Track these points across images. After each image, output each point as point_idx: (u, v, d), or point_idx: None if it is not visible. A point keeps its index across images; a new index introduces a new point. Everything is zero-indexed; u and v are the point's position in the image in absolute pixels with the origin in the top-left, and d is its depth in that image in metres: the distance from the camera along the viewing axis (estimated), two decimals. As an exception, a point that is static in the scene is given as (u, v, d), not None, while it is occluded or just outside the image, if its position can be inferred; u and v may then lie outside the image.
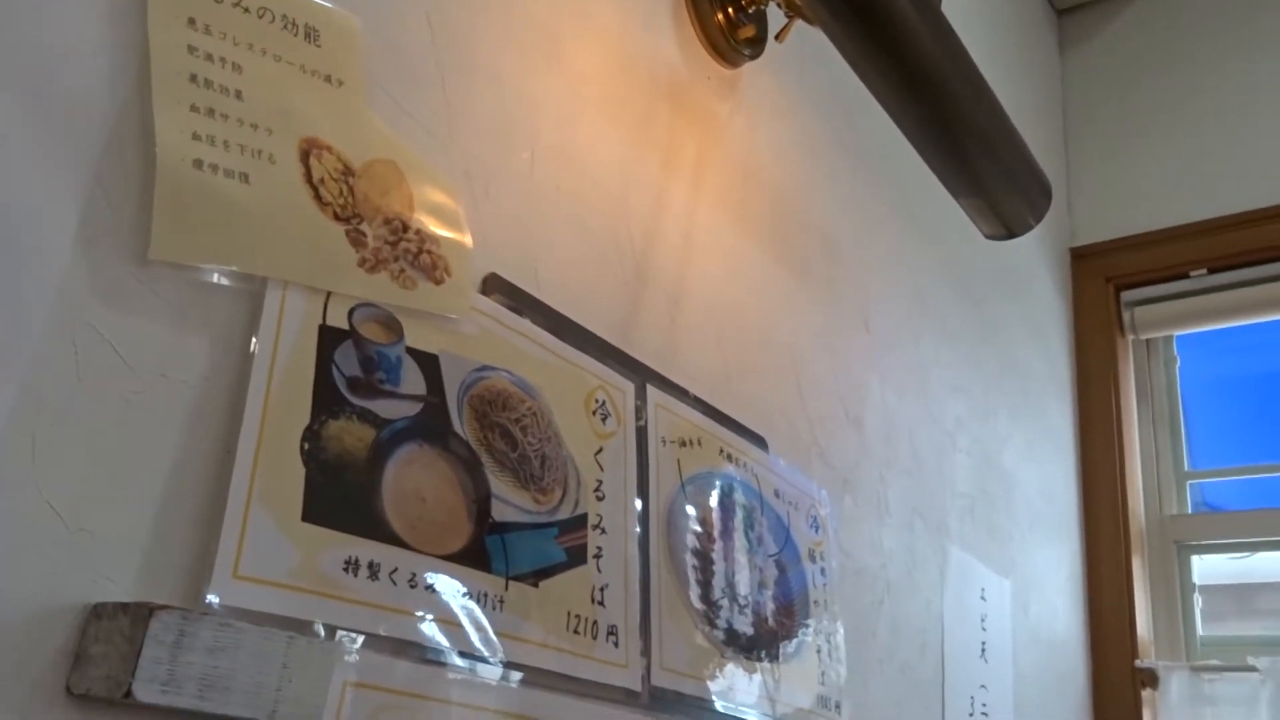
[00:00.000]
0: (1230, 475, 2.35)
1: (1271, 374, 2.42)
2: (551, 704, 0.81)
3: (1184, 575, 2.20)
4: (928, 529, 1.58)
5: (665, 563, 1.00)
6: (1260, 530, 2.20)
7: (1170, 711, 1.99)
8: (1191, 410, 2.37)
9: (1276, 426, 2.32)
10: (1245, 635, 2.21)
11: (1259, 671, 1.94)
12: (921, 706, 1.47)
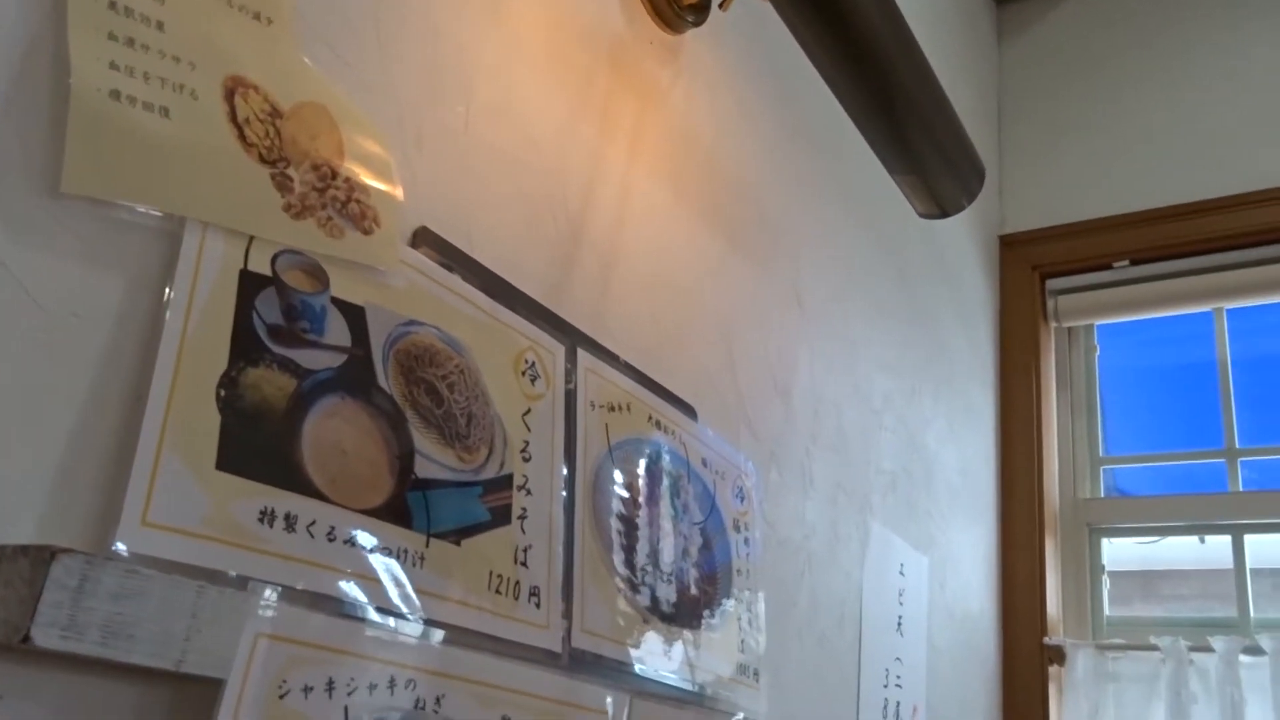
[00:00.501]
0: (1142, 462, 2.43)
1: (1186, 365, 2.49)
2: (471, 663, 0.80)
3: (1094, 557, 2.27)
4: (850, 504, 1.60)
5: (590, 527, 1.00)
6: (1168, 515, 2.27)
7: (1075, 687, 2.05)
8: (1108, 398, 2.44)
9: (1188, 416, 2.39)
10: (1148, 616, 2.29)
11: (1160, 651, 2.00)
12: (838, 676, 1.49)
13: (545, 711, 0.86)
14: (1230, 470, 2.22)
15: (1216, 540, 2.22)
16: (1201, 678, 1.97)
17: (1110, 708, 2.04)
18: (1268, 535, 2.22)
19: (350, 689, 0.70)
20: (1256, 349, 2.37)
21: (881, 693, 1.61)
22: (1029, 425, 2.28)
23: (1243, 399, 2.26)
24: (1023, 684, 2.10)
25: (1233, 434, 2.24)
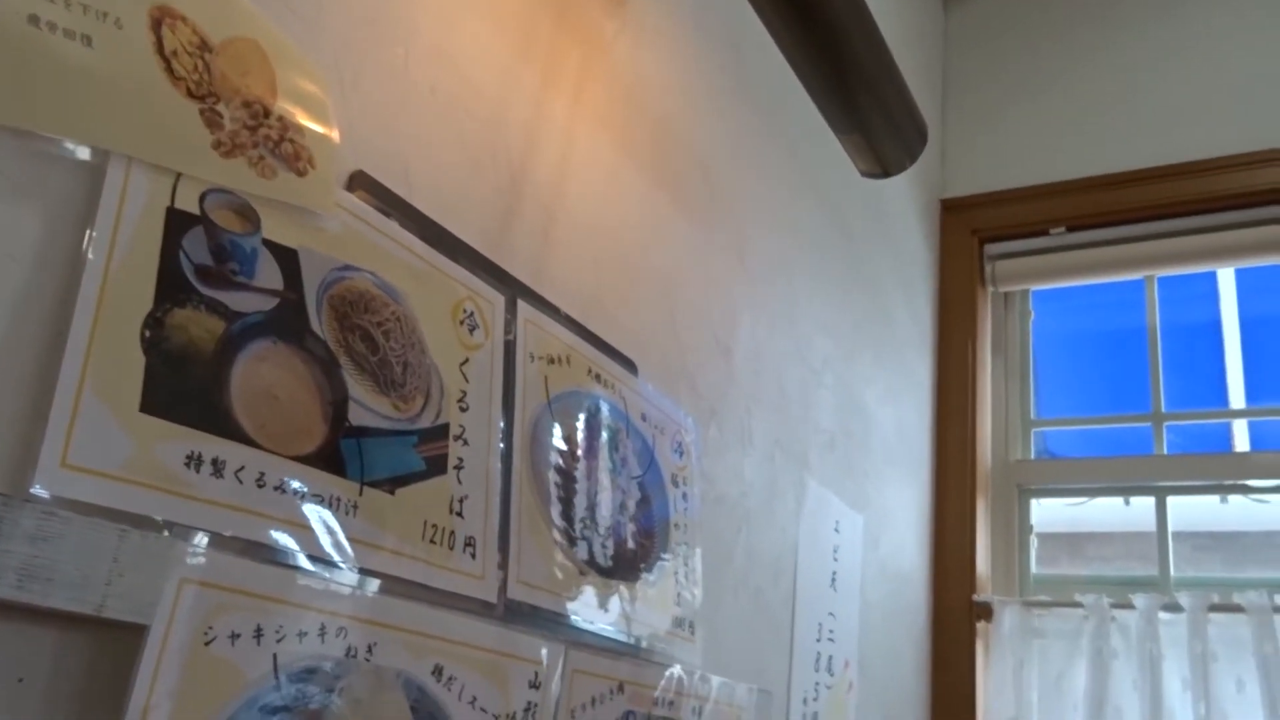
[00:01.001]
0: (1071, 425, 2.48)
1: (1117, 332, 2.55)
2: (404, 612, 0.80)
3: (1023, 517, 2.32)
4: (788, 461, 1.61)
5: (527, 478, 0.99)
6: (1094, 477, 2.33)
7: (1002, 642, 2.10)
8: (1041, 362, 2.48)
9: (1117, 381, 2.45)
10: (1073, 575, 2.35)
11: (1083, 608, 2.06)
12: (772, 630, 1.51)
13: (479, 661, 0.86)
14: (1156, 434, 2.28)
15: (1140, 503, 2.29)
16: (1122, 634, 2.03)
17: (1035, 663, 2.10)
18: (1189, 497, 2.29)
19: (279, 636, 0.70)
20: (1185, 317, 2.43)
21: (814, 646, 1.64)
22: (964, 388, 2.32)
23: (1170, 365, 2.32)
24: (951, 639, 2.15)
25: (1159, 399, 2.30)
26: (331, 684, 0.73)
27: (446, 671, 0.82)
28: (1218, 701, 1.91)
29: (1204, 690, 1.91)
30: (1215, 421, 2.40)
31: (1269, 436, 2.30)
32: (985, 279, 2.45)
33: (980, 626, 2.17)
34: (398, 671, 0.78)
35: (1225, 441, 2.41)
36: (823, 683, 1.65)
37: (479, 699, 0.86)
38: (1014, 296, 2.50)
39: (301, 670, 0.71)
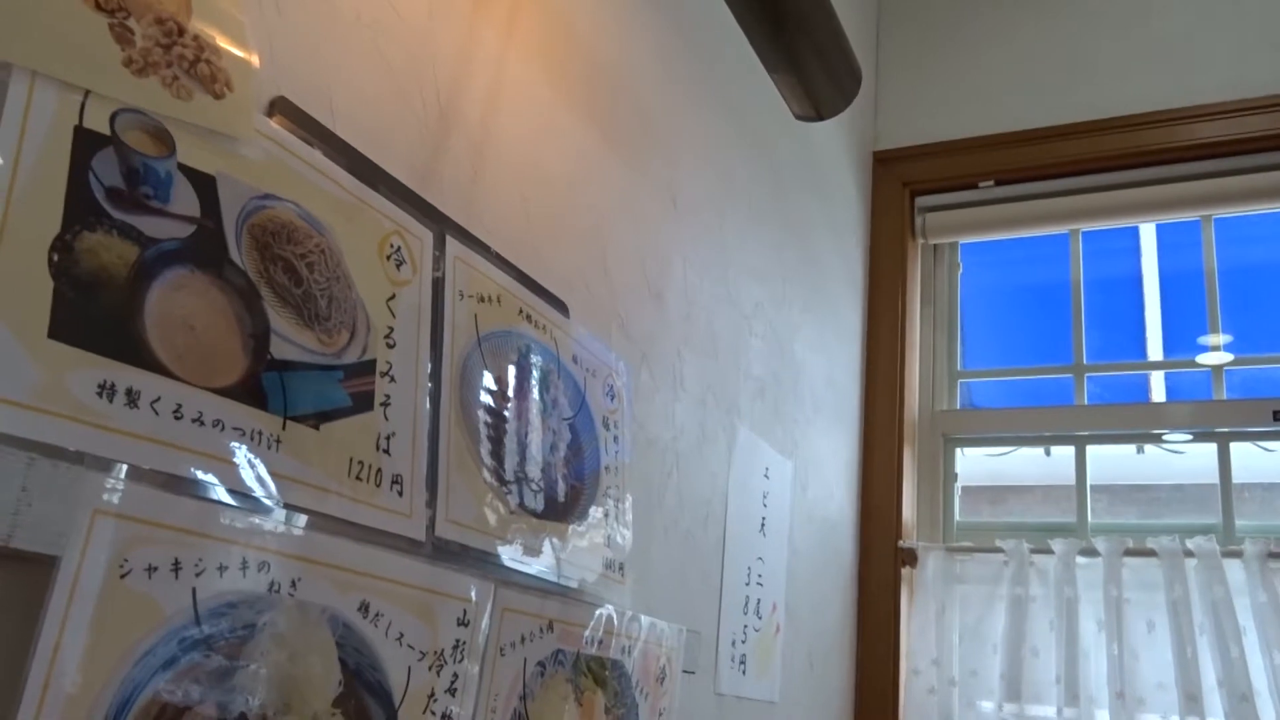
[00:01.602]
0: (996, 376, 2.53)
1: (1042, 286, 2.60)
2: (329, 547, 0.79)
3: (948, 466, 2.37)
4: (719, 407, 1.62)
5: (457, 417, 0.98)
6: (1017, 426, 2.38)
7: (926, 586, 2.15)
8: (968, 314, 2.52)
9: (1041, 334, 2.50)
10: (994, 521, 2.41)
11: (1004, 553, 2.12)
12: (701, 573, 1.52)
13: (407, 598, 0.85)
14: (1077, 385, 2.34)
15: (1060, 455, 2.35)
16: (1041, 578, 2.09)
17: (956, 606, 2.16)
18: (1107, 451, 2.36)
19: (198, 570, 0.68)
20: (1107, 271, 2.48)
21: (743, 590, 1.66)
22: (893, 338, 2.35)
23: (1091, 319, 2.38)
24: (877, 584, 2.20)
25: (1081, 351, 2.35)
26: (254, 619, 0.71)
27: (373, 608, 0.82)
28: (1129, 641, 1.98)
29: (1117, 631, 1.97)
30: (1134, 373, 2.46)
31: (1184, 388, 2.38)
32: (915, 231, 2.47)
33: (905, 572, 2.21)
34: (322, 607, 0.77)
35: (1143, 393, 2.48)
36: (751, 625, 1.68)
37: (406, 636, 0.85)
38: (943, 249, 2.53)
39: (222, 605, 0.69)
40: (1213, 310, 2.25)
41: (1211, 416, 2.18)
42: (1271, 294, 2.34)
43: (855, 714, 2.13)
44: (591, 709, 1.09)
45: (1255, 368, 2.24)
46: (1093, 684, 1.97)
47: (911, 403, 2.36)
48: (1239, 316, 2.26)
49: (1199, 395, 2.25)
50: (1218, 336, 2.25)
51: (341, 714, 0.78)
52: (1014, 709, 2.00)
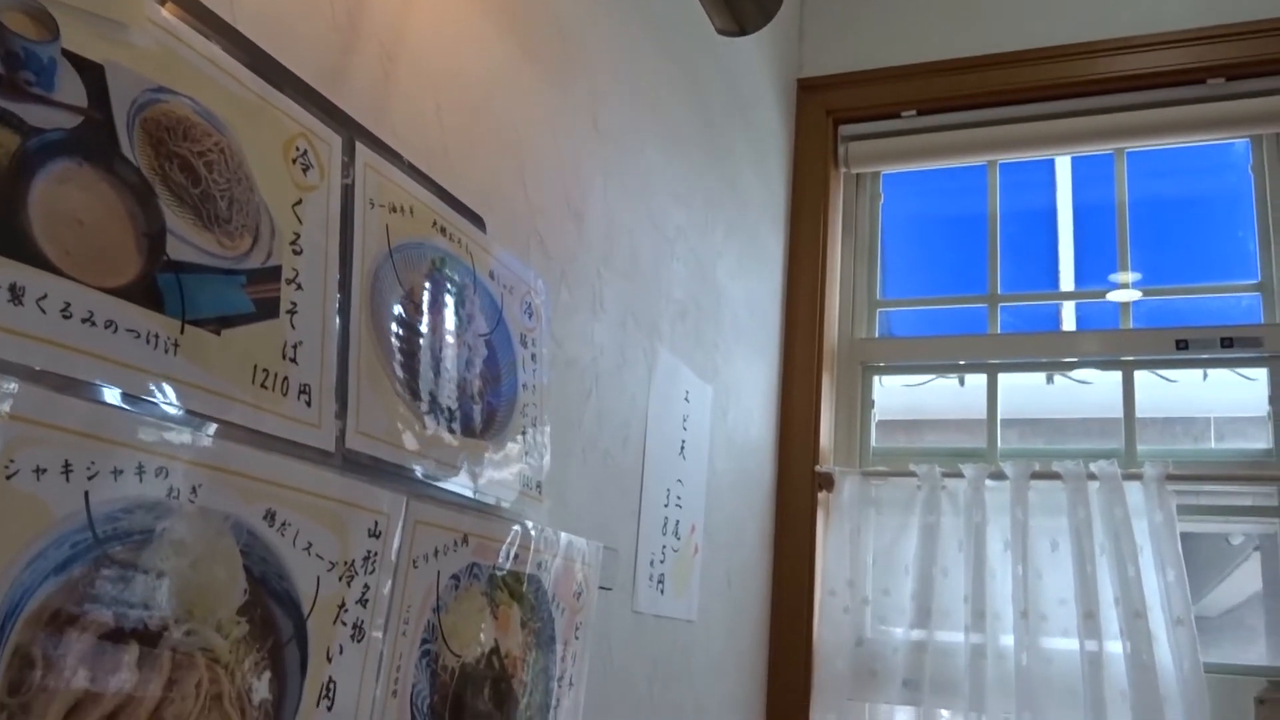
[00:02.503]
0: (914, 305, 2.57)
1: (960, 217, 2.63)
2: (232, 454, 0.76)
3: (865, 393, 2.41)
4: (640, 329, 1.61)
5: (367, 328, 0.96)
6: (933, 354, 2.42)
7: (841, 510, 2.19)
8: (889, 244, 2.55)
9: (957, 264, 2.54)
10: (909, 447, 2.46)
11: (917, 477, 2.17)
12: (620, 494, 1.53)
13: (315, 508, 0.84)
14: (991, 315, 2.38)
15: (974, 387, 2.39)
16: (951, 501, 2.15)
17: (871, 529, 2.21)
18: (1019, 382, 2.42)
19: (91, 473, 0.65)
20: (1023, 203, 2.52)
21: (662, 511, 1.67)
22: (814, 267, 2.36)
23: (1007, 250, 2.42)
24: (794, 507, 2.23)
25: (996, 282, 2.40)
26: (152, 525, 0.69)
27: (279, 517, 0.80)
28: (1033, 560, 2.05)
29: (1022, 551, 2.04)
30: (1046, 304, 2.52)
31: (1094, 319, 2.44)
32: (838, 160, 2.48)
33: (821, 496, 2.26)
34: (225, 515, 0.75)
35: (1054, 323, 2.54)
36: (670, 546, 1.69)
37: (315, 545, 0.84)
38: (865, 178, 2.55)
39: (117, 511, 0.67)
40: (1123, 244, 2.30)
41: (1118, 345, 2.24)
42: (1179, 227, 2.41)
43: (771, 633, 2.18)
44: (507, 622, 1.09)
45: (1161, 299, 2.30)
46: (998, 601, 2.04)
47: (831, 331, 2.38)
48: (1147, 249, 2.32)
49: (1107, 326, 2.31)
50: (1127, 274, 2.30)
51: (247, 622, 0.77)
52: (923, 624, 2.06)
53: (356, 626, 0.88)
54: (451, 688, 1.01)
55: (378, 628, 0.91)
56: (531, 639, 1.14)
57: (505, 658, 1.09)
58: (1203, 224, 2.40)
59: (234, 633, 0.75)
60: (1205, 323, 2.19)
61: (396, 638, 0.93)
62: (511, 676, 1.10)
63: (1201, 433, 3.92)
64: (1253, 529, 5.13)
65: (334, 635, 0.86)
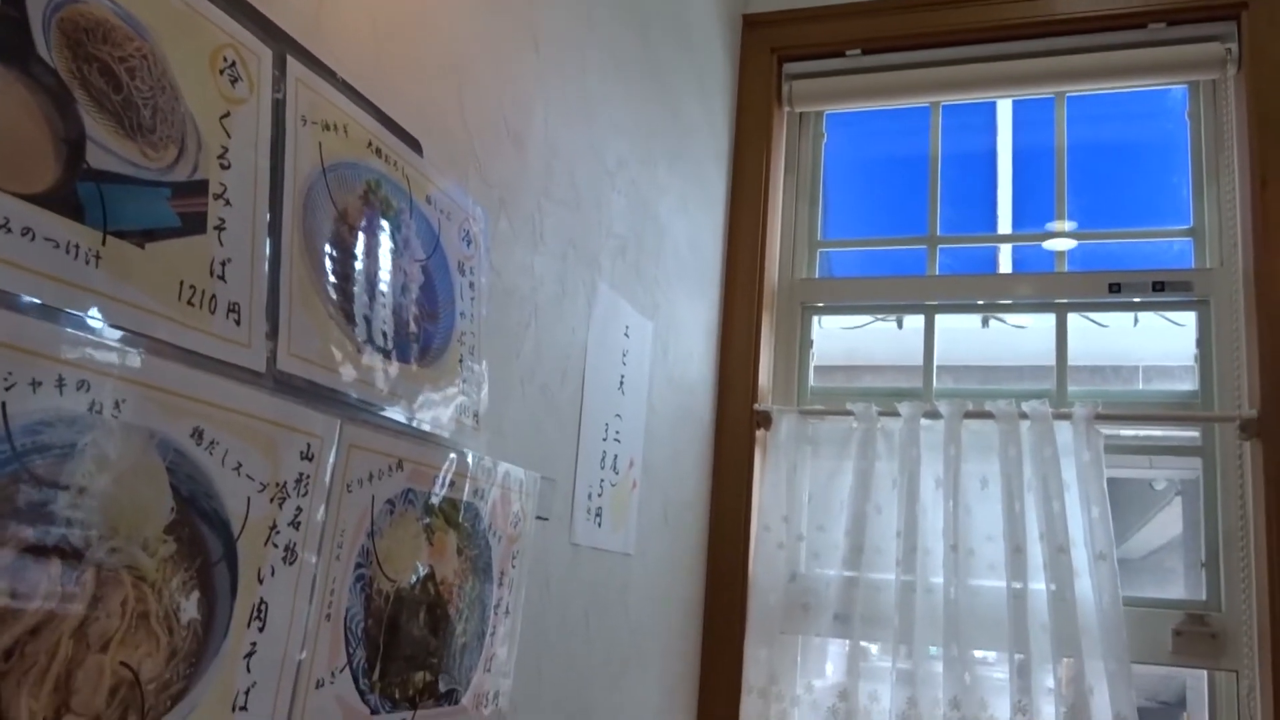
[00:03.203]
0: (854, 246, 2.58)
1: (902, 158, 2.64)
2: (157, 370, 0.74)
3: (804, 333, 2.42)
4: (580, 262, 1.60)
5: (299, 248, 0.94)
6: (872, 295, 2.44)
7: (779, 448, 2.22)
8: (831, 184, 2.55)
9: (898, 206, 2.56)
10: (846, 387, 2.49)
11: (854, 416, 2.19)
12: (558, 426, 1.53)
13: (245, 427, 0.82)
14: (930, 257, 2.41)
15: (912, 331, 2.42)
16: (887, 439, 2.18)
17: (807, 466, 2.24)
18: (956, 327, 2.45)
19: (8, 384, 0.63)
20: (965, 145, 2.54)
21: (600, 445, 1.68)
22: (756, 205, 2.36)
23: (948, 192, 2.43)
24: (732, 444, 2.25)
25: (935, 224, 2.42)
26: (73, 439, 0.68)
27: (208, 435, 0.78)
28: (964, 497, 2.09)
29: (953, 488, 2.08)
30: (983, 246, 2.55)
31: (1030, 262, 2.47)
32: (782, 98, 2.47)
33: (759, 434, 2.28)
34: (151, 431, 0.73)
35: (992, 265, 2.57)
36: (608, 480, 1.70)
37: (245, 466, 0.82)
38: (809, 117, 2.54)
39: (35, 424, 0.65)
40: (1060, 189, 2.33)
41: (1052, 288, 2.28)
42: (1116, 172, 2.44)
43: (707, 568, 2.21)
44: (443, 548, 1.09)
45: (1096, 243, 2.34)
46: (929, 538, 2.09)
47: (772, 270, 2.39)
48: (1084, 193, 2.35)
49: (1043, 270, 2.35)
50: (1063, 223, 2.33)
51: (175, 541, 0.75)
52: (856, 560, 2.10)
53: (289, 549, 0.87)
54: (386, 612, 1.00)
55: (311, 550, 0.90)
56: (468, 566, 1.14)
57: (441, 584, 1.09)
58: (1139, 169, 2.44)
59: (161, 551, 0.74)
60: (1138, 267, 2.23)
61: (330, 561, 0.93)
62: (447, 602, 1.10)
63: (1130, 379, 4.02)
64: (1175, 475, 5.30)
65: (265, 557, 0.85)
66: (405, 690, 1.04)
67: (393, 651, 1.02)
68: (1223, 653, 1.99)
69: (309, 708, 0.91)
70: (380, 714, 1.00)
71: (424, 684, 1.07)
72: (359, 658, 0.97)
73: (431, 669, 1.08)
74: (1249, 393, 2.01)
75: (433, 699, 1.09)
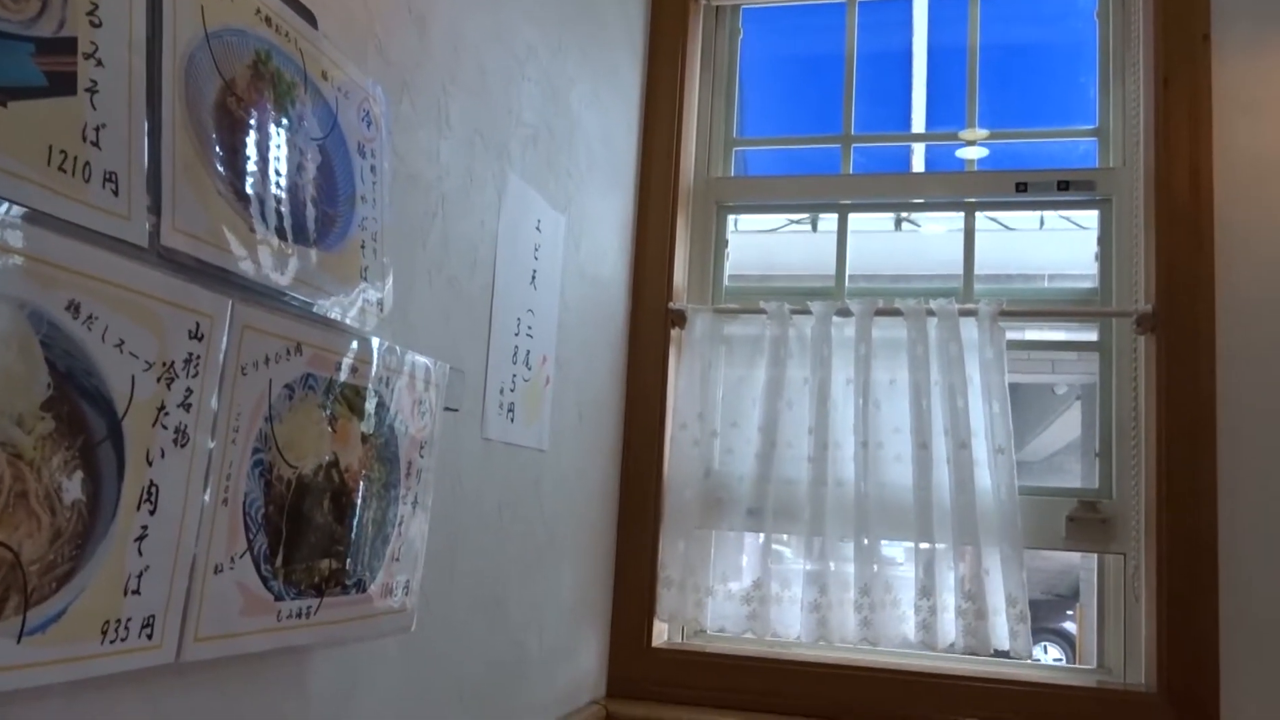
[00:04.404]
0: (769, 144, 2.57)
1: (818, 56, 2.61)
2: (26, 237, 0.70)
3: (719, 231, 2.42)
4: (488, 151, 1.56)
5: (182, 117, 0.88)
6: (786, 194, 2.44)
7: (694, 345, 2.22)
8: (747, 82, 2.52)
9: (814, 104, 2.54)
10: (760, 286, 2.49)
11: (768, 314, 2.21)
12: (468, 319, 1.50)
13: (127, 302, 0.78)
14: (844, 155, 2.40)
15: (827, 236, 2.41)
16: (800, 337, 2.20)
17: (721, 364, 2.25)
18: (869, 231, 2.46)
19: None
20: (880, 44, 2.52)
21: (512, 340, 1.65)
22: (671, 101, 2.32)
23: (862, 91, 2.42)
24: (646, 342, 2.25)
25: (850, 122, 2.41)
26: (-67, 307, 0.63)
27: (85, 309, 0.74)
28: (873, 394, 2.13)
29: (863, 385, 2.12)
30: (896, 146, 2.55)
31: (941, 161, 2.49)
32: (698, -8, 2.41)
33: (674, 333, 2.28)
34: (20, 301, 0.69)
35: (905, 164, 2.58)
36: (520, 375, 1.68)
37: (128, 343, 0.78)
38: (725, 12, 2.49)
39: (-111, 288, 0.61)
40: (972, 90, 2.33)
41: (962, 187, 2.30)
42: (1026, 72, 2.45)
43: (623, 464, 2.22)
44: (346, 436, 1.07)
45: (1005, 142, 2.36)
46: (839, 432, 2.13)
47: (687, 167, 2.37)
48: (995, 93, 2.36)
49: (954, 169, 2.37)
50: (974, 131, 2.34)
51: (53, 419, 0.72)
52: (769, 456, 2.14)
53: (179, 431, 0.84)
54: (288, 499, 0.98)
55: (204, 433, 0.87)
56: (373, 454, 1.12)
57: (345, 472, 1.07)
58: (1049, 70, 2.46)
59: (38, 429, 0.71)
60: (1046, 167, 2.26)
61: (226, 445, 0.90)
62: (352, 490, 1.08)
63: (1035, 286, 4.11)
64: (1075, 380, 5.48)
65: (154, 438, 0.81)
66: (310, 577, 1.02)
67: (296, 539, 1.00)
68: (1112, 537, 2.08)
69: (208, 593, 0.89)
70: (285, 600, 0.99)
71: (330, 572, 1.06)
72: (260, 544, 0.95)
73: (338, 557, 1.07)
74: (1145, 289, 2.07)
75: (339, 587, 1.07)
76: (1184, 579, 1.92)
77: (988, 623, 1.98)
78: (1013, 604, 1.97)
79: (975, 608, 1.98)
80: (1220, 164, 2.01)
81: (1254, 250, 1.98)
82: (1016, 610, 1.97)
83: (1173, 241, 2.02)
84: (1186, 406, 1.96)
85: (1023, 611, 1.97)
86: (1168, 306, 2.00)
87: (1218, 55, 2.05)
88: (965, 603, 1.99)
